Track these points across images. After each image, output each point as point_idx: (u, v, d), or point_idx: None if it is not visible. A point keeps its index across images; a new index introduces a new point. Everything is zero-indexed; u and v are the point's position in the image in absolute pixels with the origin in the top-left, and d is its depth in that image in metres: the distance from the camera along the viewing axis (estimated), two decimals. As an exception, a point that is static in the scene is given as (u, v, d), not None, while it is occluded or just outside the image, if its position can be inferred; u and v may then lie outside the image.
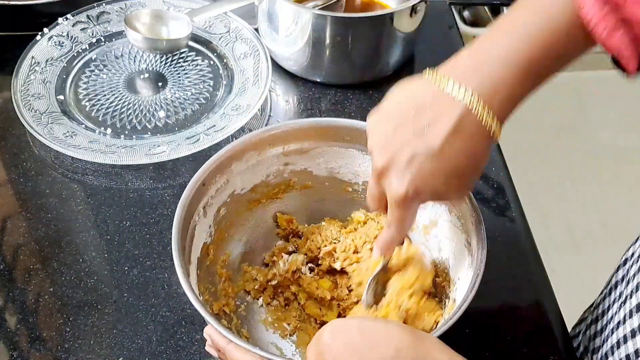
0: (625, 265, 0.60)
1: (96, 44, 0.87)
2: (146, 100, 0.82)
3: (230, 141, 0.59)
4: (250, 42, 0.86)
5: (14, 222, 0.71)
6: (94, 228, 0.70)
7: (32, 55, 0.83)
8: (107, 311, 0.64)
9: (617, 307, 0.57)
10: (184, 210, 0.56)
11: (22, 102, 0.78)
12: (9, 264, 0.67)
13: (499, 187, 0.74)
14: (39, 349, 0.61)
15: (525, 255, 0.69)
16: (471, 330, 0.62)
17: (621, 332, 0.54)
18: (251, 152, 0.61)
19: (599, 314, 0.62)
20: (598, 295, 0.65)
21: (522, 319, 0.65)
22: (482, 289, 0.50)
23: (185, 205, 0.56)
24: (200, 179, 0.58)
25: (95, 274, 0.66)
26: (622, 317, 0.55)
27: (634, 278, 0.55)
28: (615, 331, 0.55)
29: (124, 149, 0.75)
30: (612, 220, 1.79)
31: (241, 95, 0.81)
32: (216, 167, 0.59)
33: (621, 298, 0.57)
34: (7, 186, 0.74)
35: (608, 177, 1.92)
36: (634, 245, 0.60)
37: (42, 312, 0.64)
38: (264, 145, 0.62)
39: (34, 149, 0.77)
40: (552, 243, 1.72)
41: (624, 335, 0.54)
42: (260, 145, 0.62)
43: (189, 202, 0.57)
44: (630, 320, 0.53)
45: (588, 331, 0.63)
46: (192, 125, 0.79)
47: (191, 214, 0.57)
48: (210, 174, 0.59)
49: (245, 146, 0.61)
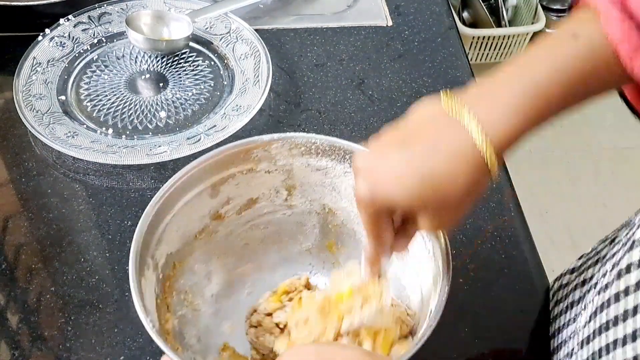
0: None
1: (97, 44, 0.87)
2: (147, 100, 0.82)
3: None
4: (251, 42, 0.86)
5: (15, 222, 0.71)
6: (95, 228, 0.71)
7: (33, 55, 0.83)
8: (109, 310, 0.64)
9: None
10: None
11: (23, 102, 0.78)
12: (11, 264, 0.68)
13: (498, 186, 0.75)
14: (40, 348, 0.62)
15: (524, 255, 0.69)
16: (470, 330, 0.62)
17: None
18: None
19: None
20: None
21: (521, 319, 0.65)
22: (481, 288, 0.51)
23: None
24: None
25: (96, 273, 0.67)
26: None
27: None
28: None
29: (125, 149, 0.75)
30: (612, 220, 1.79)
31: (242, 95, 0.81)
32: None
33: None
34: (9, 186, 0.75)
35: (607, 177, 1.92)
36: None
37: (44, 311, 0.64)
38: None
39: (36, 149, 0.77)
40: (552, 243, 1.72)
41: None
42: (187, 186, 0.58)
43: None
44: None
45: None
46: (193, 125, 0.79)
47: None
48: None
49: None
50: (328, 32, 0.93)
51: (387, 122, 0.81)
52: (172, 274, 0.58)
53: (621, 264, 0.49)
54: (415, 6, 0.97)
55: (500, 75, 0.47)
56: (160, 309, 0.55)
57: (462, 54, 0.91)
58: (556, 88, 0.46)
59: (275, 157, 0.61)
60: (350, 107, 0.83)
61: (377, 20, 0.94)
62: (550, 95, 0.46)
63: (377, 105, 0.83)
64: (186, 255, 0.60)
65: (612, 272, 0.50)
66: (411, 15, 0.96)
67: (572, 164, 1.94)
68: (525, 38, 2.04)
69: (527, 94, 0.45)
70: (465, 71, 0.89)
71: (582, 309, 0.56)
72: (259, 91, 0.80)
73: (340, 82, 0.86)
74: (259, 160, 0.60)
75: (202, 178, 0.59)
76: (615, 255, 0.52)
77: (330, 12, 0.96)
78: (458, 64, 0.89)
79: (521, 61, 0.47)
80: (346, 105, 0.83)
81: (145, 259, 0.54)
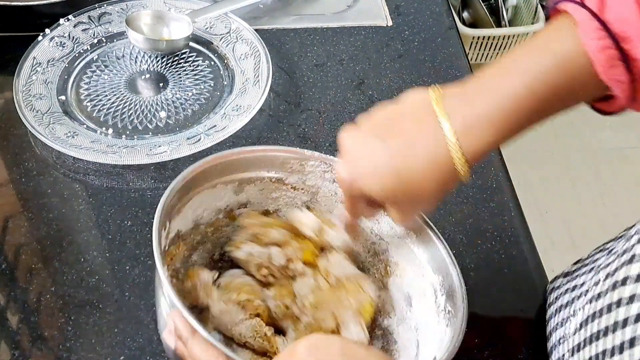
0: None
1: (97, 44, 0.87)
2: (147, 100, 0.82)
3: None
4: (251, 42, 0.86)
5: (15, 222, 0.71)
6: (95, 228, 0.71)
7: (33, 55, 0.83)
8: (109, 310, 0.64)
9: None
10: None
11: (23, 102, 0.78)
12: (11, 264, 0.68)
13: (498, 186, 0.75)
14: (40, 348, 0.62)
15: (524, 254, 0.70)
16: (469, 330, 0.62)
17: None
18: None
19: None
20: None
21: (521, 319, 0.66)
22: (481, 288, 0.51)
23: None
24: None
25: (96, 273, 0.67)
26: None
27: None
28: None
29: (125, 149, 0.75)
30: (612, 220, 1.79)
31: (242, 95, 0.81)
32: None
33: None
34: (9, 186, 0.75)
35: (607, 176, 1.92)
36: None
37: (44, 311, 0.64)
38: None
39: (36, 149, 0.77)
40: (551, 243, 1.73)
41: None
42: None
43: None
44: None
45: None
46: (193, 125, 0.79)
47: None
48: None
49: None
50: (328, 32, 0.93)
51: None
52: (175, 252, 0.58)
53: (617, 275, 0.49)
54: (415, 6, 0.97)
55: (482, 80, 0.49)
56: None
57: (462, 54, 0.91)
58: (532, 102, 0.47)
59: (307, 175, 0.60)
60: (350, 107, 0.83)
61: (377, 20, 0.94)
62: (525, 109, 0.47)
63: (377, 105, 0.83)
64: (189, 242, 0.60)
65: (606, 282, 0.50)
66: (411, 15, 0.96)
67: (572, 164, 1.94)
68: (525, 38, 2.04)
69: (503, 108, 0.47)
70: (465, 71, 0.89)
71: (571, 315, 0.56)
72: (259, 91, 0.80)
73: (340, 82, 0.86)
74: (291, 172, 0.60)
75: (236, 168, 0.59)
76: (610, 265, 0.52)
77: (330, 12, 0.96)
78: (458, 64, 0.89)
79: (502, 66, 0.48)
80: (346, 105, 0.83)
81: (165, 220, 0.54)
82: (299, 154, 0.60)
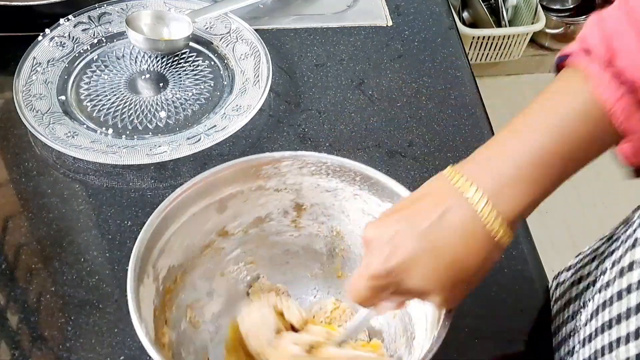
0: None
1: (97, 44, 0.87)
2: (147, 100, 0.82)
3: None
4: (251, 42, 0.86)
5: (15, 222, 0.71)
6: (95, 228, 0.71)
7: (33, 55, 0.83)
8: (109, 310, 0.64)
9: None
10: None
11: (23, 102, 0.78)
12: (11, 264, 0.68)
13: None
14: (40, 348, 0.62)
15: (524, 255, 0.70)
16: (470, 330, 0.62)
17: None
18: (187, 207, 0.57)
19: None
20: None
21: (521, 319, 0.65)
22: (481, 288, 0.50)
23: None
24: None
25: (96, 273, 0.67)
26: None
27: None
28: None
29: (125, 149, 0.75)
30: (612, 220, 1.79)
31: (242, 95, 0.81)
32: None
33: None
34: (9, 186, 0.75)
35: (607, 177, 1.92)
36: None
37: (44, 311, 0.64)
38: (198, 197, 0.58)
39: (36, 149, 0.77)
40: (551, 243, 1.72)
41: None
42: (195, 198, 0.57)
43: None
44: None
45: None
46: (193, 125, 0.79)
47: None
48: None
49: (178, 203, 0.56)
50: (328, 32, 0.93)
51: (387, 122, 0.81)
52: (173, 287, 0.58)
53: (623, 262, 0.49)
54: (415, 6, 0.97)
55: (495, 146, 0.47)
56: (158, 321, 0.54)
57: (462, 54, 0.91)
58: (557, 159, 0.45)
59: (285, 176, 0.60)
60: (350, 107, 0.83)
61: (377, 20, 0.95)
62: (552, 166, 0.45)
63: (377, 105, 0.83)
64: (189, 270, 0.59)
65: (613, 270, 0.50)
66: (411, 15, 0.96)
67: (572, 164, 1.94)
68: (525, 38, 2.04)
69: (531, 164, 0.45)
70: (465, 71, 0.89)
71: (581, 307, 0.56)
72: (259, 91, 0.80)
73: (340, 82, 0.86)
74: (269, 178, 0.59)
75: (210, 191, 0.58)
76: (615, 252, 0.52)
77: (330, 12, 0.96)
78: (458, 64, 0.89)
79: (514, 129, 0.47)
80: (346, 105, 0.83)
81: (145, 267, 0.53)
82: (269, 158, 0.59)
